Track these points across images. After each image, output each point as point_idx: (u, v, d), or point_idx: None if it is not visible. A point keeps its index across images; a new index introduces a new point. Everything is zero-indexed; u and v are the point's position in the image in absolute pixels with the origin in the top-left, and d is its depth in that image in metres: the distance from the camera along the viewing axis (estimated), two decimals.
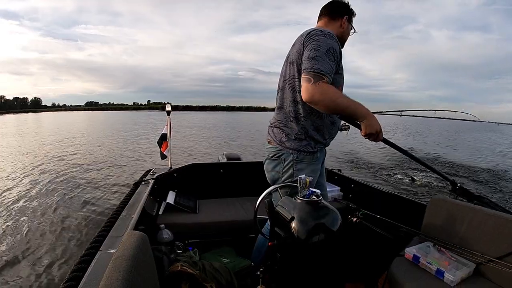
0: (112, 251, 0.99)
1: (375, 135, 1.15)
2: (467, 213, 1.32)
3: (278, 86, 1.37)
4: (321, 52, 1.10)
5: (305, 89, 1.09)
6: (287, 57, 1.30)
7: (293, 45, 1.26)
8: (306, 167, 1.28)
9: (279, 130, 1.32)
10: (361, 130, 1.15)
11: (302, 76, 1.12)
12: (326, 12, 1.34)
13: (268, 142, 1.39)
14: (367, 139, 1.18)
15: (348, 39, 1.40)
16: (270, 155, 1.36)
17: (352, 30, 1.39)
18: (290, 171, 1.29)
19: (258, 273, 1.18)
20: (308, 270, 1.00)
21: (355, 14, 1.37)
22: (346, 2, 1.35)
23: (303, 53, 1.16)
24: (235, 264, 1.53)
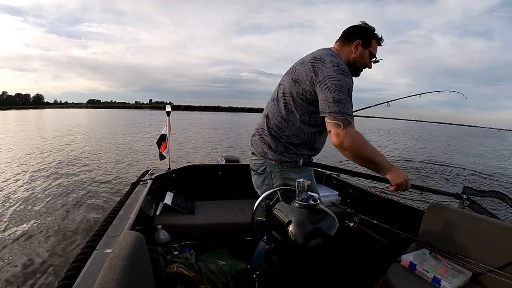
0: (108, 250, 0.98)
1: (404, 184, 1.11)
2: (465, 220, 1.32)
3: (273, 94, 1.32)
4: (344, 94, 1.07)
5: (336, 134, 1.06)
6: (292, 71, 1.23)
7: (302, 63, 1.18)
8: (295, 176, 1.21)
9: (261, 140, 1.28)
10: (389, 183, 1.12)
11: (329, 119, 1.08)
12: (342, 35, 1.25)
13: (252, 154, 1.35)
14: (397, 191, 1.14)
15: (370, 67, 1.28)
16: (256, 169, 1.33)
17: (374, 60, 1.27)
18: (280, 181, 1.26)
19: (254, 276, 1.17)
20: (305, 274, 0.99)
21: (378, 37, 1.24)
22: (365, 25, 1.22)
23: (315, 83, 1.11)
24: (231, 267, 1.52)
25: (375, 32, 1.23)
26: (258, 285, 1.16)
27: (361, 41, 1.21)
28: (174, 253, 1.44)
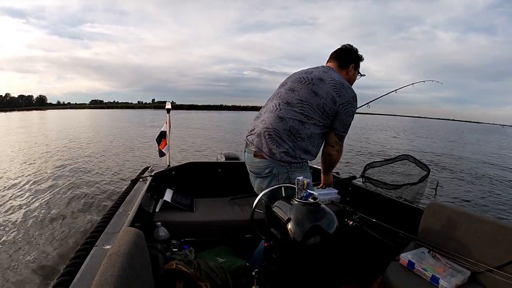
0: (108, 247, 0.98)
1: (330, 184, 1.66)
2: (464, 219, 1.32)
3: (285, 97, 1.34)
4: (352, 119, 1.37)
5: (338, 150, 1.41)
6: (309, 83, 1.32)
7: (321, 80, 1.32)
8: (300, 175, 1.25)
9: (270, 140, 1.28)
10: (322, 180, 1.63)
11: (338, 138, 1.37)
12: (335, 58, 1.45)
13: (255, 156, 1.33)
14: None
15: (355, 81, 1.53)
16: (260, 172, 1.33)
17: (359, 76, 1.52)
18: (287, 182, 1.28)
19: (253, 273, 1.18)
20: (304, 272, 1.00)
21: (362, 59, 1.48)
22: (355, 49, 1.45)
23: (337, 103, 1.30)
24: (230, 264, 1.52)
25: (359, 52, 1.48)
26: (257, 282, 1.16)
27: (354, 64, 1.45)
28: (173, 250, 1.44)
